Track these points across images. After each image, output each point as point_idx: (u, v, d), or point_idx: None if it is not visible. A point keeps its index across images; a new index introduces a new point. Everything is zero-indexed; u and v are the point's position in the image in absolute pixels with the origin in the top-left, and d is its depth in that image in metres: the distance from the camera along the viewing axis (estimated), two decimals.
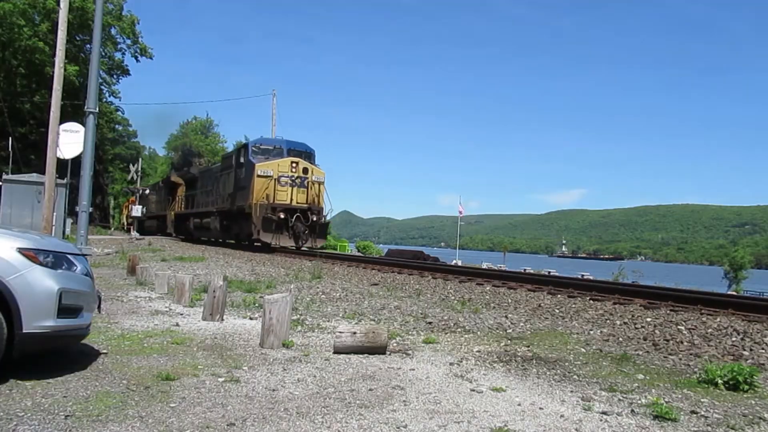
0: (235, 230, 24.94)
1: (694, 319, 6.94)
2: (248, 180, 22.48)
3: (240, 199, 23.49)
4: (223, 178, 26.53)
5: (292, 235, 21.69)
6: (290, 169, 22.31)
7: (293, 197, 22.21)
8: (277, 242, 21.41)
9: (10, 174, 22.28)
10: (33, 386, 3.74)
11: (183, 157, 68.81)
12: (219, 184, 27.13)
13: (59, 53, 18.04)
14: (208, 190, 29.56)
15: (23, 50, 35.89)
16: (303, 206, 22.16)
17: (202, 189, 31.03)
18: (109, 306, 7.21)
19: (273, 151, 23.09)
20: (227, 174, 25.89)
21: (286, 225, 21.53)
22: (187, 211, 33.58)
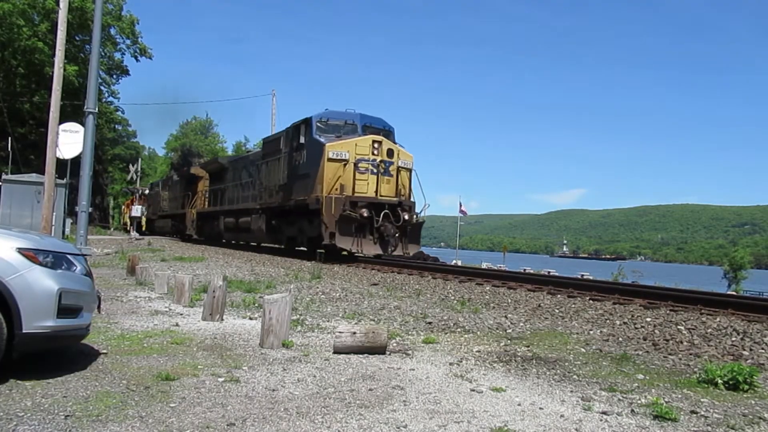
0: (290, 232, 19.40)
1: (694, 319, 6.94)
2: (313, 165, 16.87)
3: (299, 192, 17.84)
4: (270, 166, 20.72)
5: (378, 239, 15.97)
6: (371, 150, 16.50)
7: (378, 188, 16.45)
8: (359, 249, 15.92)
9: (10, 174, 22.28)
10: (33, 386, 3.74)
11: (183, 157, 68.82)
12: (261, 174, 21.46)
13: (59, 53, 18.04)
14: (244, 183, 23.90)
15: (23, 50, 35.89)
16: (392, 200, 16.47)
17: (235, 181, 25.25)
18: (109, 306, 7.21)
19: (344, 128, 17.35)
20: (274, 161, 20.21)
21: (370, 226, 15.81)
22: (215, 209, 27.66)
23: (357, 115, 17.67)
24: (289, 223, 19.22)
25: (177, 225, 35.96)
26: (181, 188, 35.66)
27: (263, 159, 21.53)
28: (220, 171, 28.06)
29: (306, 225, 17.83)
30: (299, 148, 18.02)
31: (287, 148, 19.08)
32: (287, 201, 18.66)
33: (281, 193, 19.35)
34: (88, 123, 16.34)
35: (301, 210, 17.79)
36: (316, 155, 16.85)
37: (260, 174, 21.71)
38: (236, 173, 25.49)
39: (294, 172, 18.37)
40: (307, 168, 17.39)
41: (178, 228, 35.81)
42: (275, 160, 20.21)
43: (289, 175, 18.75)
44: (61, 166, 18.87)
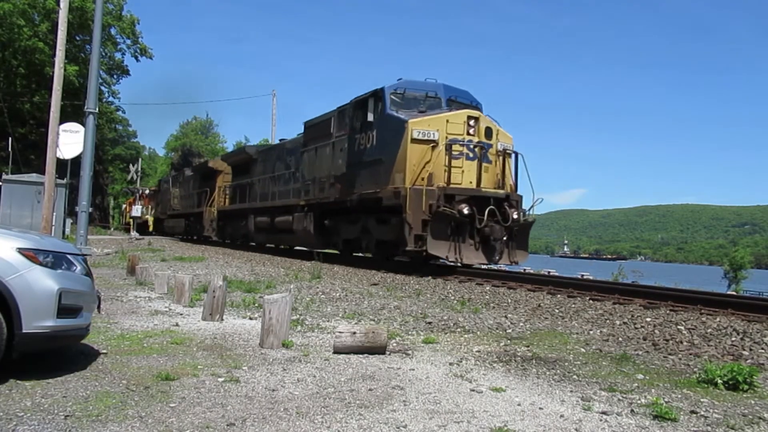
0: (348, 234, 15.84)
1: (694, 319, 6.94)
2: (388, 149, 13.31)
3: (365, 183, 14.11)
4: (318, 154, 17.08)
5: (480, 243, 12.34)
6: (466, 129, 12.81)
7: (480, 178, 12.78)
8: (458, 256, 12.23)
9: (10, 174, 22.29)
10: (33, 386, 3.74)
11: (183, 157, 68.82)
12: (304, 164, 18.05)
13: (59, 53, 18.05)
14: (279, 176, 20.38)
15: (23, 50, 35.92)
16: (498, 194, 12.82)
17: (266, 174, 21.61)
18: (109, 306, 7.21)
19: (424, 101, 13.81)
20: (323, 148, 16.70)
21: (470, 226, 12.22)
22: (241, 206, 23.71)
23: (440, 86, 14.08)
24: (349, 223, 15.60)
25: (192, 225, 31.65)
26: (196, 184, 31.62)
27: (305, 147, 17.99)
28: (246, 163, 24.07)
29: (375, 225, 14.22)
30: (365, 128, 14.27)
31: (343, 131, 15.49)
32: (347, 195, 14.81)
33: (337, 186, 15.53)
34: (89, 123, 16.36)
35: (368, 206, 14.17)
36: (392, 136, 13.14)
37: (302, 164, 18.11)
38: (267, 165, 21.80)
39: (357, 159, 14.58)
40: (378, 152, 13.67)
41: (193, 228, 31.48)
42: (324, 146, 16.60)
43: (349, 163, 14.94)
44: (62, 166, 18.89)
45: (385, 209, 13.43)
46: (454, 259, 12.41)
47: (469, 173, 12.73)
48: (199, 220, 29.89)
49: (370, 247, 15.10)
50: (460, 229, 12.13)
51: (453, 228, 12.06)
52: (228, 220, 26.16)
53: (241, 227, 23.89)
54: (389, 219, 13.46)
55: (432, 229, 11.88)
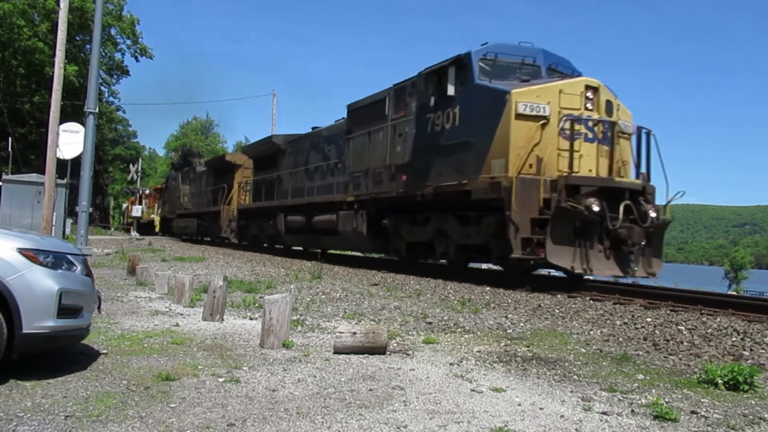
0: (417, 236, 13.14)
1: (694, 319, 6.93)
2: (479, 129, 10.63)
3: (443, 173, 11.47)
4: (370, 139, 14.33)
5: (610, 249, 9.80)
6: (583, 102, 10.29)
7: (612, 166, 10.36)
8: (586, 267, 9.56)
9: (10, 174, 22.31)
10: (33, 386, 3.74)
11: (183, 157, 68.80)
12: (349, 153, 15.46)
13: (59, 53, 18.07)
14: (315, 168, 17.62)
15: (23, 50, 35.92)
16: (635, 185, 10.35)
17: (298, 167, 18.88)
18: (109, 306, 7.21)
19: (520, 70, 11.31)
20: (376, 132, 14.03)
21: (600, 228, 9.63)
22: (267, 204, 20.98)
23: (538, 51, 11.64)
24: (416, 223, 13.08)
25: (206, 225, 28.80)
26: (210, 180, 28.81)
27: (350, 133, 15.43)
28: (272, 155, 21.23)
29: (456, 226, 11.65)
30: (441, 105, 11.58)
31: (402, 112, 13.01)
32: (415, 189, 12.22)
33: (400, 178, 12.80)
34: (89, 123, 16.36)
35: (446, 202, 11.73)
36: (486, 112, 10.47)
37: (347, 154, 15.52)
38: (299, 156, 19.13)
39: (429, 143, 11.97)
40: (464, 134, 10.96)
41: (207, 229, 28.68)
42: (377, 131, 14.00)
43: (416, 149, 12.35)
44: (62, 166, 18.90)
45: (473, 205, 10.91)
46: (581, 270, 9.52)
47: (588, 159, 10.05)
48: (214, 220, 26.96)
49: (449, 253, 12.26)
50: (587, 230, 9.43)
51: (577, 230, 9.43)
52: (250, 219, 23.26)
53: (268, 228, 21.08)
54: (477, 218, 10.98)
55: (553, 231, 9.17)
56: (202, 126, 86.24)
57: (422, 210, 12.84)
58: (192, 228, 31.24)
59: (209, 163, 31.02)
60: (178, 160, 68.26)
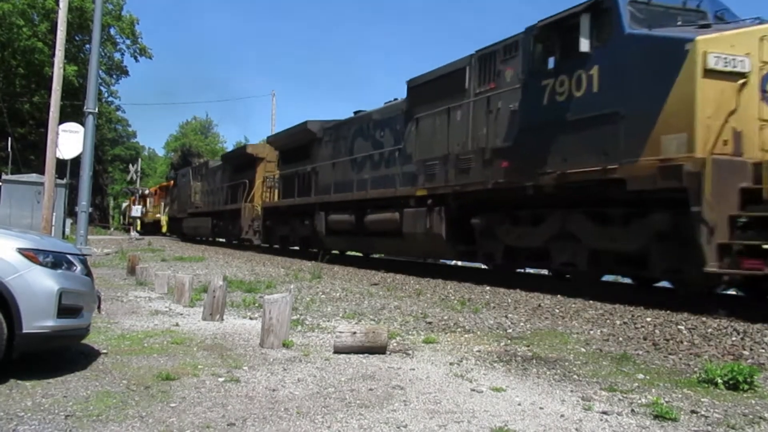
0: (526, 239, 10.22)
1: (694, 319, 6.93)
2: (638, 93, 7.98)
3: (572, 155, 8.88)
4: (449, 118, 11.59)
5: None
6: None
7: None
8: None
9: (10, 174, 22.32)
10: (33, 386, 3.74)
11: (183, 157, 68.83)
12: (418, 136, 12.60)
13: (58, 53, 18.08)
14: (365, 158, 14.74)
15: (22, 50, 35.94)
16: None
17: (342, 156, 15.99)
18: (109, 306, 7.21)
19: (682, 16, 8.93)
20: (455, 110, 11.45)
21: None
22: (302, 201, 17.91)
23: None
24: (524, 223, 10.21)
25: (222, 226, 26.05)
26: (227, 176, 26.15)
27: (414, 114, 12.76)
28: (305, 144, 18.33)
29: (590, 227, 8.98)
30: (567, 67, 9.05)
31: (489, 85, 10.52)
32: (527, 178, 9.44)
33: (503, 165, 10.02)
34: (88, 123, 16.37)
35: (575, 194, 9.15)
36: (649, 69, 7.96)
37: (410, 138, 12.87)
38: (341, 144, 16.29)
39: (548, 118, 9.24)
40: (609, 102, 8.35)
41: (224, 230, 26.02)
42: (455, 108, 11.37)
43: (524, 127, 9.60)
44: (61, 166, 18.91)
45: (621, 199, 8.48)
46: None
47: None
48: (233, 220, 24.30)
49: (576, 262, 9.27)
50: None
51: None
52: (278, 219, 20.30)
53: (301, 228, 18.34)
54: (625, 216, 8.54)
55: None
56: (201, 126, 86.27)
57: (533, 205, 9.93)
58: (205, 228, 28.61)
59: (227, 157, 28.19)
60: (177, 160, 68.23)
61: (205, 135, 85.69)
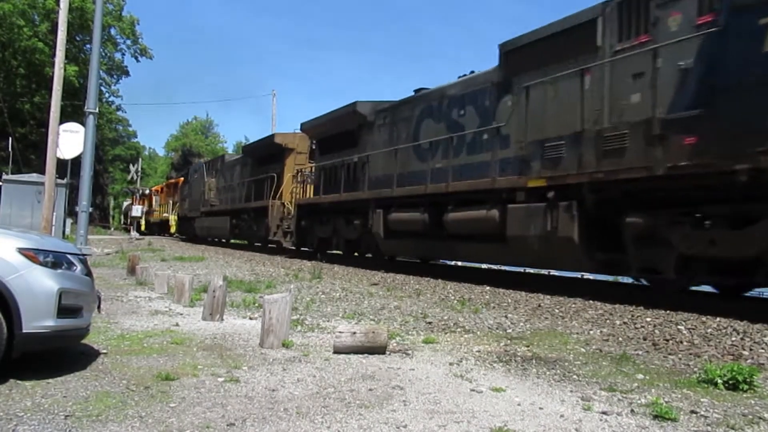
0: (727, 246, 7.09)
1: (694, 319, 6.93)
2: None
3: None
4: (561, 88, 9.19)
5: None
6: None
7: None
8: None
9: (10, 174, 22.33)
10: (33, 386, 3.74)
11: (183, 157, 68.87)
12: (518, 110, 10.10)
13: (59, 54, 18.08)
14: (437, 143, 12.13)
15: (23, 50, 35.99)
16: None
17: (402, 142, 13.36)
18: (109, 306, 7.22)
19: None
20: (583, 73, 8.82)
21: None
22: (351, 196, 15.06)
23: None
24: (722, 224, 7.33)
25: (245, 226, 23.33)
26: (249, 170, 23.56)
27: (514, 84, 10.20)
28: (351, 130, 15.61)
29: None
30: None
31: (662, 32, 7.87)
32: (733, 159, 6.78)
33: (685, 142, 7.40)
34: (89, 123, 16.38)
35: None
36: None
37: (512, 114, 10.15)
38: (401, 128, 13.56)
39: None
40: None
41: (246, 230, 23.30)
42: (583, 73, 8.88)
43: (734, 85, 6.90)
44: (62, 166, 18.91)
45: None
46: None
47: None
48: (257, 219, 21.60)
49: None
50: None
51: None
52: (316, 218, 17.45)
53: (348, 229, 15.73)
54: None
55: None
56: (202, 126, 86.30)
57: (741, 199, 7.09)
58: (222, 229, 25.76)
59: (249, 149, 25.25)
60: (178, 160, 68.18)
61: (206, 135, 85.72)
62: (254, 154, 23.76)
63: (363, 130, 15.29)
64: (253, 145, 25.24)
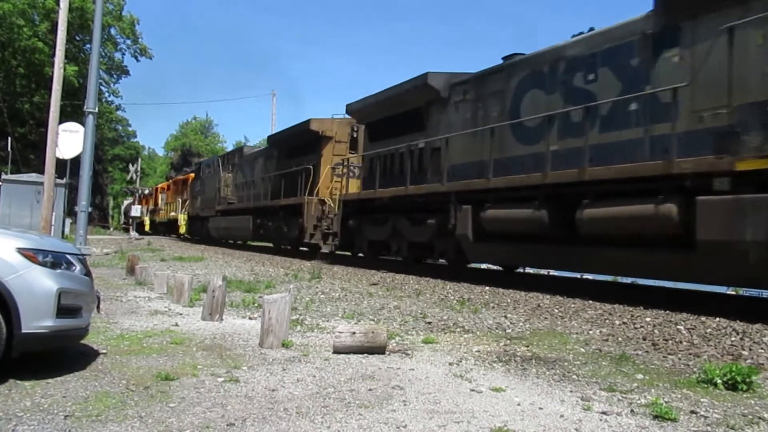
0: None
1: (693, 319, 6.93)
2: None
3: None
4: None
5: None
6: None
7: None
8: None
9: (10, 174, 22.32)
10: (32, 386, 3.74)
11: (183, 157, 68.90)
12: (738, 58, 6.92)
13: (59, 53, 18.07)
14: (553, 120, 9.53)
15: (23, 50, 35.98)
16: None
17: (491, 119, 10.98)
18: (108, 306, 7.21)
19: None
20: None
21: None
22: (419, 190, 12.60)
23: None
24: None
25: (272, 227, 20.66)
26: (275, 162, 21.03)
27: (673, 35, 7.99)
28: (416, 109, 13.16)
29: None
30: None
31: None
32: None
33: None
34: (88, 123, 16.37)
35: None
36: None
37: (682, 75, 7.74)
38: (486, 103, 11.31)
39: None
40: None
41: (274, 231, 20.59)
42: None
43: None
44: (61, 166, 18.90)
45: None
46: None
47: None
48: (288, 219, 19.03)
49: None
50: None
51: None
52: (367, 217, 14.87)
53: (415, 231, 13.03)
54: None
55: None
56: (201, 126, 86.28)
57: None
58: (243, 229, 22.80)
59: (276, 139, 21.88)
60: (178, 160, 68.14)
61: (205, 135, 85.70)
62: (283, 144, 20.79)
63: (434, 108, 12.53)
64: (281, 134, 21.65)
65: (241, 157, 24.96)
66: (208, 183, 28.29)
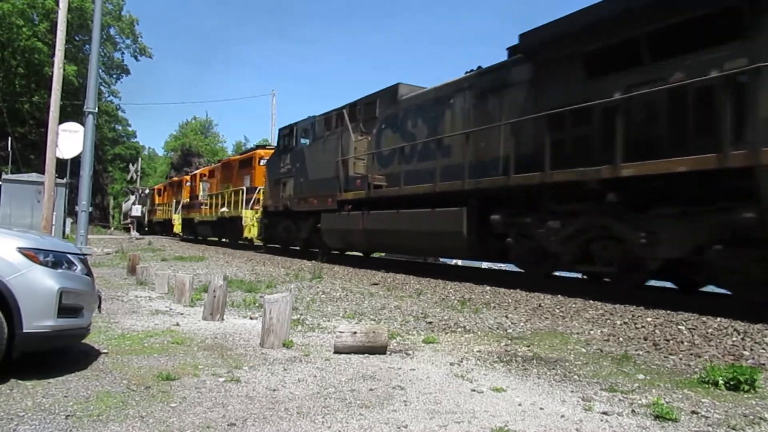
0: None
1: (695, 319, 6.93)
2: None
3: None
4: None
5: None
6: None
7: None
8: None
9: (10, 174, 22.32)
10: (33, 386, 3.74)
11: (183, 156, 68.84)
12: None
13: (58, 53, 18.06)
14: None
15: (22, 50, 35.99)
16: None
17: None
18: (110, 306, 7.21)
19: None
20: None
21: None
22: None
23: None
24: None
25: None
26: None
27: None
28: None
29: None
30: None
31: None
32: None
33: None
34: (88, 123, 16.37)
35: None
36: None
37: None
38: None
39: None
40: None
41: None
42: None
43: None
44: (61, 165, 18.90)
45: None
46: None
47: None
48: None
49: None
50: None
51: None
52: None
53: None
54: None
55: None
56: (201, 126, 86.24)
57: None
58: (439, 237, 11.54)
59: (342, 113, 15.16)
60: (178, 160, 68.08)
61: (205, 135, 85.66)
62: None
63: None
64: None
65: (391, 104, 13.76)
66: (313, 156, 16.89)
